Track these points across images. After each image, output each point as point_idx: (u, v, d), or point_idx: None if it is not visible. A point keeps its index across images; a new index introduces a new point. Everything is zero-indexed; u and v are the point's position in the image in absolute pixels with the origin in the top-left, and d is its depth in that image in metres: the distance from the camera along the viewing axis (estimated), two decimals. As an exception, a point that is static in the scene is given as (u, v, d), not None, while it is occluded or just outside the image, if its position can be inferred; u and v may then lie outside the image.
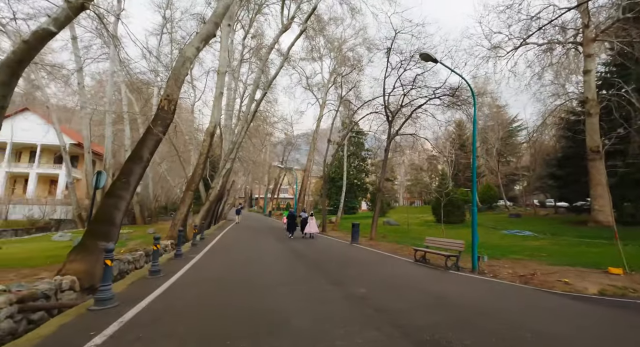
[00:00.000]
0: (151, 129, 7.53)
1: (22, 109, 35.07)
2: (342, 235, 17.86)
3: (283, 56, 18.93)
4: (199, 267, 7.00)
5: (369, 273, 6.95)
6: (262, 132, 36.41)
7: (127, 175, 7.12)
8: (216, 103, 15.54)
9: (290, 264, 7.75)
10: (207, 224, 21.93)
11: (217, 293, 4.89)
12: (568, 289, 5.78)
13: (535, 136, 27.98)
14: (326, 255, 9.65)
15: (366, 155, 35.74)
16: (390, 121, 16.65)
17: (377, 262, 8.75)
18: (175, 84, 7.93)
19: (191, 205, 15.13)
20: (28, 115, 34.88)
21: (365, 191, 35.57)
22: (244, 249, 10.58)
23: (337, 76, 29.11)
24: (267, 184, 53.66)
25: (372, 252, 11.10)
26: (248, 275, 6.34)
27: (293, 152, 48.11)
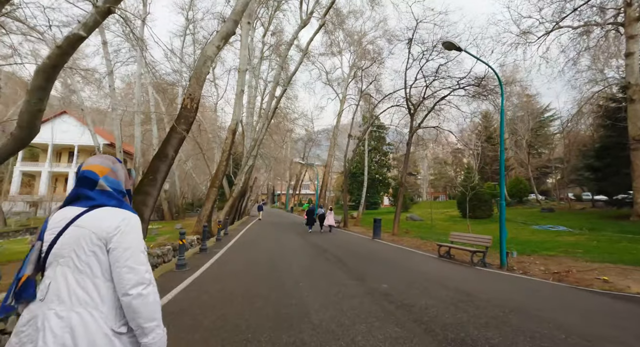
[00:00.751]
0: (175, 128, 7.77)
1: (61, 113, 37.41)
2: (364, 230, 17.72)
3: (302, 52, 18.89)
4: (222, 262, 7.18)
5: (391, 268, 6.83)
6: (283, 128, 36.69)
7: (154, 172, 7.39)
8: (237, 101, 15.79)
9: (311, 259, 7.78)
10: (230, 219, 22.50)
11: (240, 287, 4.98)
12: (608, 287, 5.39)
13: (570, 126, 26.33)
14: (347, 250, 9.61)
15: (388, 149, 35.11)
16: (412, 114, 16.23)
17: (400, 257, 8.60)
18: (197, 82, 8.11)
19: (215, 201, 15.55)
20: (66, 118, 37.21)
21: (387, 186, 35.03)
22: (266, 244, 10.75)
23: (357, 70, 28.70)
24: (288, 180, 54.17)
25: (394, 247, 10.93)
26: (270, 270, 6.41)
27: (314, 148, 48.19)
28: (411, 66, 15.64)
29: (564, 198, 34.80)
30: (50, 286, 1.06)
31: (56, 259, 1.09)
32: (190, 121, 8.01)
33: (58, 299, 1.04)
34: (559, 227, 17.59)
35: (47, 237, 1.12)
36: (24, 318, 1.04)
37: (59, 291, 1.05)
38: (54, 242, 1.10)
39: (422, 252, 9.79)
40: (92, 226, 1.10)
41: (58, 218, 1.14)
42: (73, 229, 1.10)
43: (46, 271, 1.10)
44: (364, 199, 23.42)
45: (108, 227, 1.11)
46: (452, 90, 15.15)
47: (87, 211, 1.14)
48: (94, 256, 1.09)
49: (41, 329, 1.00)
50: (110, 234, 1.10)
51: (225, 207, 18.78)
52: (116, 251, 1.10)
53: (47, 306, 1.03)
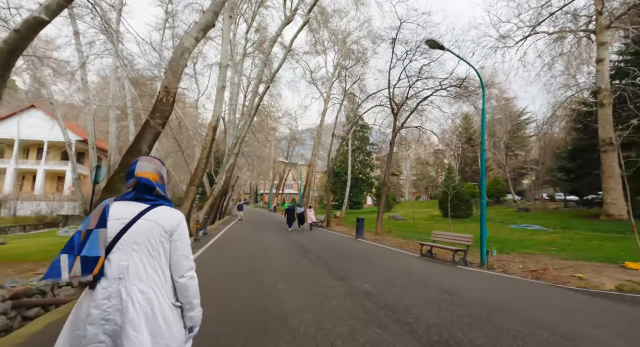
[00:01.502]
0: (149, 122, 7.37)
1: (29, 106, 35.36)
2: (347, 229, 17.66)
3: (286, 49, 18.61)
4: (199, 263, 6.84)
5: (373, 268, 6.73)
6: (266, 127, 36.23)
7: (125, 169, 6.97)
8: (218, 97, 15.34)
9: (293, 259, 7.57)
10: (211, 219, 21.92)
11: (216, 290, 4.72)
12: (583, 284, 5.49)
13: (544, 129, 27.31)
14: (330, 250, 9.46)
15: (371, 149, 35.32)
16: (396, 114, 16.30)
17: (382, 257, 8.53)
18: (173, 75, 7.72)
19: (194, 200, 15.06)
20: (34, 113, 35.18)
21: (371, 186, 35.26)
22: (246, 244, 10.44)
23: (341, 69, 28.70)
24: (272, 180, 53.62)
25: (377, 246, 10.88)
26: (249, 271, 6.17)
27: (298, 147, 47.89)
28: (395, 66, 15.72)
29: (538, 198, 36.14)
30: (129, 267, 1.25)
31: (131, 245, 1.28)
32: (166, 115, 7.62)
33: (138, 277, 1.25)
34: (534, 226, 18.15)
35: (115, 225, 1.29)
36: (102, 294, 1.22)
37: (138, 271, 1.26)
38: (125, 230, 1.29)
39: (405, 251, 9.78)
40: (160, 220, 1.33)
41: (123, 210, 1.33)
42: (143, 221, 1.31)
43: (113, 254, 1.27)
44: (347, 198, 23.37)
45: (172, 222, 1.35)
46: (434, 91, 15.31)
47: (151, 208, 1.35)
48: (162, 245, 1.32)
49: (127, 300, 1.21)
50: (173, 228, 1.34)
51: (205, 207, 18.24)
52: (178, 241, 1.35)
53: (130, 282, 1.24)
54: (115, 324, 1.19)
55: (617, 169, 16.80)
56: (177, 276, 1.33)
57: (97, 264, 1.21)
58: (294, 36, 17.88)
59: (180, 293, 1.34)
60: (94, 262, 1.21)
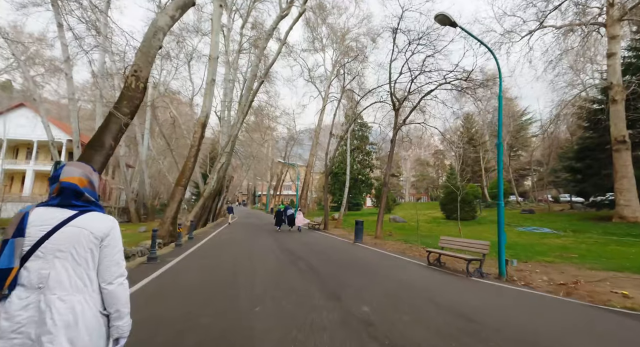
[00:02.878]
0: (114, 112, 6.38)
1: (18, 105, 34.38)
2: (345, 233, 16.67)
3: (281, 42, 17.62)
4: (169, 276, 5.85)
5: (373, 281, 5.73)
6: (263, 126, 35.29)
7: (85, 165, 5.99)
8: (208, 91, 14.38)
9: (281, 268, 6.57)
10: (203, 221, 20.92)
11: (177, 311, 3.74)
12: (630, 304, 4.51)
13: (551, 127, 26.40)
14: (325, 257, 8.46)
15: (371, 149, 34.35)
16: (397, 110, 15.35)
17: (384, 265, 7.54)
18: (145, 57, 6.74)
19: (181, 201, 14.07)
20: (24, 112, 34.15)
21: (370, 187, 34.24)
22: (233, 250, 9.44)
23: (340, 67, 27.80)
24: (269, 181, 52.60)
25: (377, 253, 9.89)
26: (226, 285, 5.17)
27: (295, 147, 46.94)
28: (396, 58, 14.79)
29: (542, 199, 35.24)
30: (50, 275, 1.20)
31: (53, 253, 1.22)
32: (135, 104, 6.63)
33: (60, 286, 1.20)
34: (542, 229, 17.19)
35: (35, 232, 1.21)
36: (18, 304, 1.16)
37: (61, 280, 1.21)
38: (46, 237, 1.22)
39: (409, 258, 8.79)
40: (89, 227, 1.28)
41: (45, 217, 1.25)
42: (70, 228, 1.25)
43: (32, 262, 1.20)
44: (346, 199, 22.39)
45: (104, 228, 1.31)
46: (438, 85, 14.37)
47: (79, 214, 1.29)
48: (91, 252, 1.27)
49: (46, 310, 1.16)
50: (104, 234, 1.30)
51: (195, 208, 17.24)
52: (108, 248, 1.31)
53: (50, 291, 1.19)
54: (28, 337, 1.13)
55: (631, 168, 15.88)
56: (105, 283, 1.28)
57: (8, 275, 1.15)
58: (289, 28, 16.94)
59: (108, 301, 1.29)
60: (6, 274, 1.15)
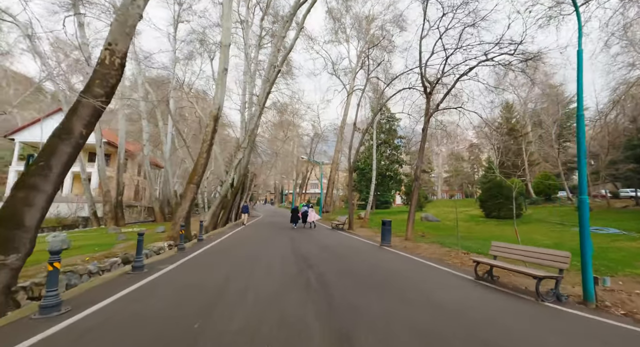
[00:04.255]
0: (86, 93, 5.35)
1: (57, 110, 36.06)
2: (371, 233, 15.07)
3: (298, 26, 16.27)
4: (146, 291, 4.73)
5: (403, 307, 4.19)
6: (286, 122, 34.34)
7: (48, 156, 4.99)
8: (220, 82, 13.37)
9: (284, 286, 5.19)
10: (223, 221, 20.19)
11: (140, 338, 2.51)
12: None
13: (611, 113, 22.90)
14: (343, 266, 7.01)
15: (399, 143, 32.16)
16: (429, 94, 13.48)
17: (417, 279, 5.95)
18: (121, 28, 5.66)
19: (194, 200, 13.22)
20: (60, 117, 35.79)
21: (399, 183, 32.06)
22: (239, 255, 8.26)
23: (365, 58, 26.05)
24: (295, 179, 51.81)
25: (408, 259, 8.27)
26: (203, 312, 3.90)
27: (320, 144, 45.64)
28: (427, 35, 12.90)
29: (597, 195, 31.16)
30: None
31: None
32: (111, 83, 5.55)
33: None
34: (608, 230, 14.51)
35: None
36: None
37: None
38: None
39: (448, 268, 7.10)
40: None
41: None
42: None
43: None
44: (373, 197, 20.69)
45: None
46: (478, 62, 12.33)
47: None
48: None
49: None
50: None
51: (212, 207, 16.46)
52: None
53: None
54: None
55: None
56: None
57: None
58: (307, 10, 15.53)
59: None
60: None
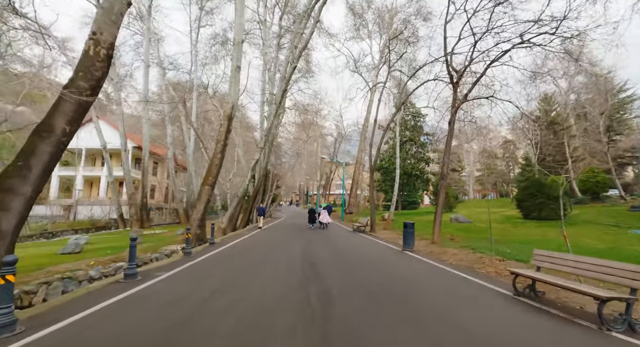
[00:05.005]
0: (69, 87, 4.98)
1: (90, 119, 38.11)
2: (395, 236, 14.03)
3: (314, 19, 15.61)
4: (138, 299, 4.22)
5: (423, 334, 3.34)
6: (308, 122, 33.85)
7: (27, 156, 4.64)
8: (233, 80, 13.04)
9: (279, 301, 4.48)
10: (243, 222, 19.96)
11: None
12: None
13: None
14: (354, 276, 6.18)
15: (426, 140, 30.53)
16: (456, 84, 12.28)
17: (443, 294, 5.01)
18: (107, 15, 5.25)
19: (208, 202, 12.93)
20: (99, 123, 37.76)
21: (427, 183, 30.41)
22: (245, 261, 7.68)
23: (387, 53, 24.95)
24: (319, 180, 51.25)
25: (433, 267, 7.27)
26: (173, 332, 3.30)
27: (344, 144, 44.76)
28: (452, 18, 11.74)
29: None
30: None
31: None
32: (96, 76, 5.15)
33: None
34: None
35: None
36: None
37: None
38: None
39: (480, 279, 6.06)
40: None
41: None
42: None
43: None
44: (396, 197, 19.52)
45: None
46: (512, 46, 11.00)
47: None
48: None
49: None
50: None
51: (230, 209, 16.17)
52: None
53: None
54: None
55: None
56: None
57: None
58: (323, 3, 14.81)
59: None
60: None
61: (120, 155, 36.41)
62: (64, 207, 33.16)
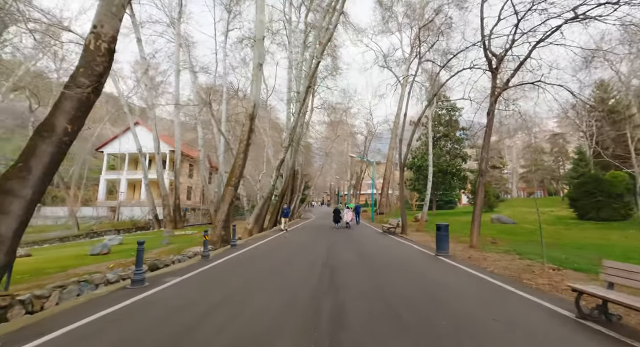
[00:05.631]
0: (70, 84, 4.80)
1: (135, 123, 40.51)
2: (428, 238, 12.94)
3: (337, 11, 14.93)
4: (134, 312, 3.88)
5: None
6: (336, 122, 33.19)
7: (27, 157, 4.48)
8: (254, 78, 12.76)
9: (283, 318, 3.93)
10: (271, 223, 19.79)
11: None
12: None
13: None
14: (376, 288, 5.43)
15: (462, 135, 28.51)
16: (495, 69, 11.00)
17: (482, 314, 4.15)
18: (108, 8, 5.02)
19: (232, 203, 12.74)
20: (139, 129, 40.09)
21: (464, 180, 28.37)
22: (258, 269, 7.22)
23: (418, 45, 23.57)
24: (349, 180, 50.35)
25: (470, 276, 6.31)
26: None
27: (374, 142, 43.47)
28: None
29: None
30: None
31: None
32: (97, 71, 4.92)
33: None
34: None
35: None
36: None
37: None
38: None
39: (530, 294, 5.04)
40: None
41: None
42: None
43: None
44: (429, 196, 18.22)
45: None
46: (564, 21, 9.56)
47: None
48: None
49: None
50: None
51: (256, 210, 16.00)
52: None
53: None
54: None
55: None
56: None
57: None
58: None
59: None
60: None
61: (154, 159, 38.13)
62: (109, 208, 35.46)
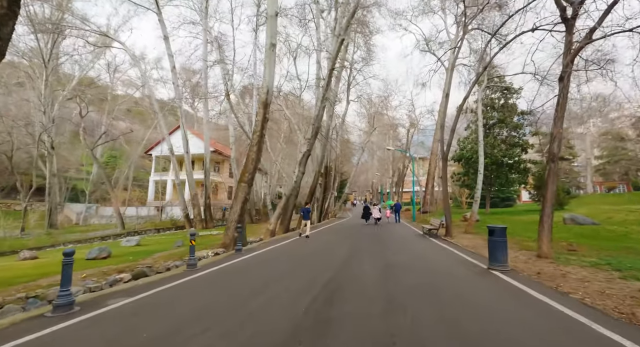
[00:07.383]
0: None
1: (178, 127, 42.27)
2: (479, 243, 10.39)
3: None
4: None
5: None
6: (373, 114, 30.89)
7: None
8: (268, 60, 11.35)
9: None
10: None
11: None
12: None
13: None
14: (397, 336, 3.58)
15: (521, 121, 24.35)
16: (571, 18, 8.25)
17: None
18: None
19: (246, 201, 11.47)
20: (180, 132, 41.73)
21: (524, 174, 24.21)
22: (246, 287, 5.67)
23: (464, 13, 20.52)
24: (391, 177, 47.40)
25: (547, 310, 4.08)
26: None
27: (417, 134, 40.14)
28: None
29: None
30: None
31: None
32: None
33: None
34: None
35: None
36: None
37: None
38: None
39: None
40: None
41: None
42: None
43: None
44: (480, 191, 15.29)
45: None
46: None
47: None
48: None
49: None
50: None
51: (277, 210, 14.65)
52: None
53: None
54: None
55: None
56: None
57: None
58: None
59: None
60: None
61: (202, 160, 39.13)
62: (156, 208, 37.16)
